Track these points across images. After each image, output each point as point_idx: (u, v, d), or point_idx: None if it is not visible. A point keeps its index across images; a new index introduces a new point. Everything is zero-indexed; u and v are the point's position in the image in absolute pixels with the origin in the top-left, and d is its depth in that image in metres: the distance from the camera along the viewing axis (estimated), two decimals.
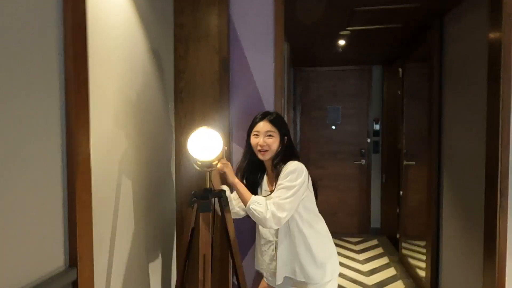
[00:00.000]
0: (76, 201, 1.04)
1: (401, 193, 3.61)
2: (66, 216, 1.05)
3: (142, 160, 1.59)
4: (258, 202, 1.43)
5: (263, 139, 1.52)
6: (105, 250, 1.30)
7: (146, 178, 1.63)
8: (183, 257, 1.52)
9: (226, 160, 1.54)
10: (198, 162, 1.43)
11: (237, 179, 1.51)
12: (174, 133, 1.99)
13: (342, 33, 3.10)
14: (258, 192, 1.64)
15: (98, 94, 1.22)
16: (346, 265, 3.62)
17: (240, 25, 2.02)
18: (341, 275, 3.29)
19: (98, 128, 1.22)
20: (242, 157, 1.65)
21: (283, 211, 1.40)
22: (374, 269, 3.54)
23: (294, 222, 1.51)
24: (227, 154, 1.67)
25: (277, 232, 1.55)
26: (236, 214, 1.62)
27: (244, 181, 1.62)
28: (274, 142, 1.53)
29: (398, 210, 3.85)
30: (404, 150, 3.53)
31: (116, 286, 1.38)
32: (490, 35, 1.89)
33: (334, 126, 4.60)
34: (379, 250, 4.05)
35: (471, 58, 2.22)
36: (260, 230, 1.62)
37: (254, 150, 1.56)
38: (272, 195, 1.46)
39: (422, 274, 2.95)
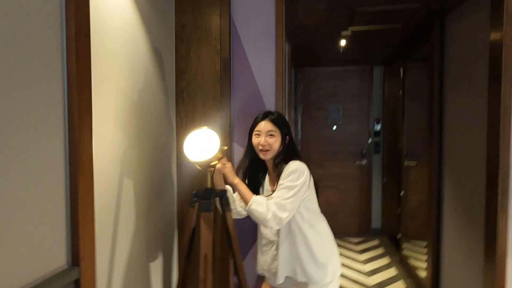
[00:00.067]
0: (78, 200, 1.05)
1: (402, 193, 3.61)
2: (68, 215, 1.05)
3: (143, 160, 1.60)
4: (259, 202, 1.43)
5: (265, 139, 1.52)
6: (107, 249, 1.31)
7: (147, 178, 1.64)
8: (184, 256, 1.52)
9: (227, 160, 1.54)
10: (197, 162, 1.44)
11: (237, 179, 1.51)
12: (175, 133, 1.99)
13: (343, 33, 3.10)
14: (260, 191, 1.64)
15: (100, 94, 1.23)
16: (346, 265, 3.62)
17: (241, 25, 2.02)
18: (341, 275, 3.27)
19: (100, 128, 1.23)
20: (243, 156, 1.65)
21: (285, 211, 1.40)
22: (375, 269, 3.54)
23: (295, 222, 1.51)
24: (228, 154, 1.67)
25: (278, 232, 1.55)
26: (238, 214, 1.62)
27: (246, 180, 1.62)
28: (276, 142, 1.53)
29: (399, 210, 3.85)
30: (405, 151, 3.52)
31: (117, 285, 1.39)
32: (491, 36, 1.89)
33: (335, 126, 4.60)
34: (380, 251, 4.05)
35: (472, 58, 2.22)
36: (261, 230, 1.62)
37: (255, 149, 1.56)
38: (273, 195, 1.45)
39: (422, 274, 2.95)
